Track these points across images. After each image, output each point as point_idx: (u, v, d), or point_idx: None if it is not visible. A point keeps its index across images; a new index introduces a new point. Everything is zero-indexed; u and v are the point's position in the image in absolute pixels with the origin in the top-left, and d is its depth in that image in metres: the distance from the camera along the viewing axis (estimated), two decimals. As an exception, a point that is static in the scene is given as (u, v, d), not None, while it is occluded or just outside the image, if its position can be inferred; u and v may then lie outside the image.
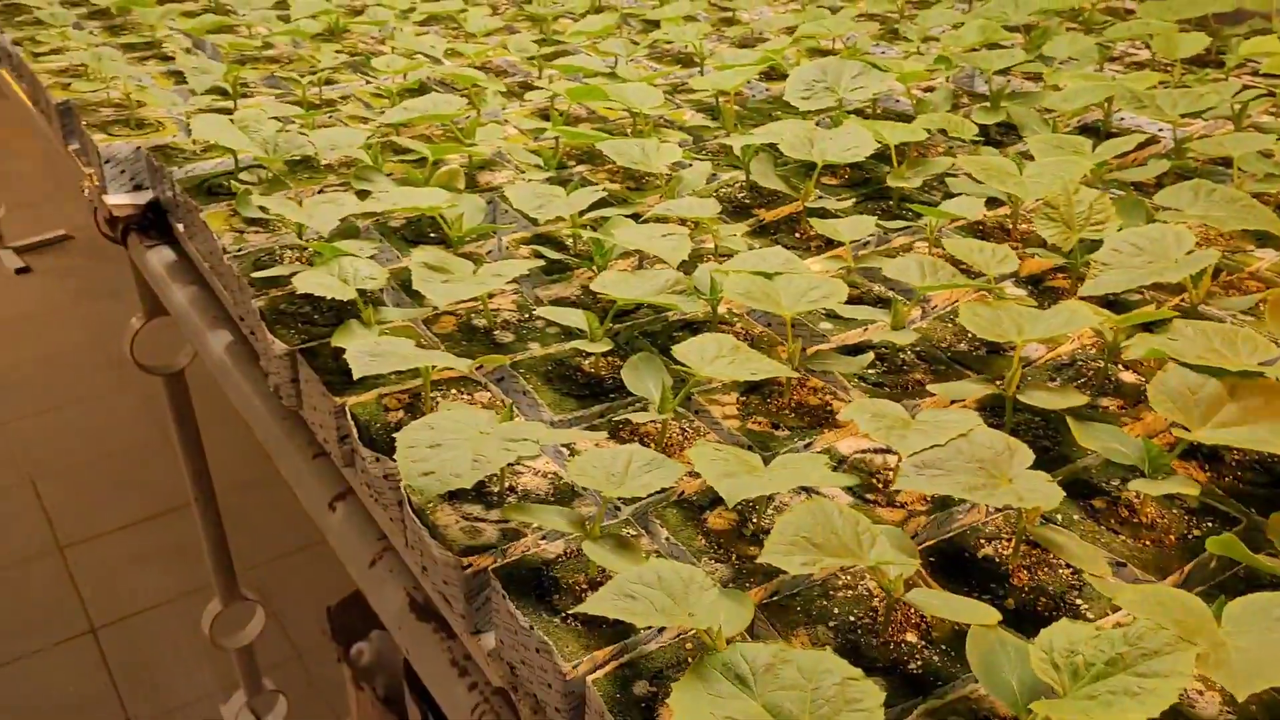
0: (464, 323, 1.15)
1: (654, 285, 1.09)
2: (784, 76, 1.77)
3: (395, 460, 0.84)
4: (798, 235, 1.31)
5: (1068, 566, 0.81)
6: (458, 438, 0.84)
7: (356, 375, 0.93)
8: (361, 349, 0.96)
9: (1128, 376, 1.02)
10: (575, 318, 1.06)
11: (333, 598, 2.59)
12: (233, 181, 1.40)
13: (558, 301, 1.18)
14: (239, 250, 1.28)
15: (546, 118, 1.67)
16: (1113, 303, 1.12)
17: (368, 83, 1.86)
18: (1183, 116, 1.40)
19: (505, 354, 1.07)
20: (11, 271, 4.28)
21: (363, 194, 1.31)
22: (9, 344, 3.86)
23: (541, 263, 1.21)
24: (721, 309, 1.13)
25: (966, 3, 2.15)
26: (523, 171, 1.48)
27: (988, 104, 1.59)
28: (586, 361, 1.07)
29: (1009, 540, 0.84)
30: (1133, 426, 0.95)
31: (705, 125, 1.65)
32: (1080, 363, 1.05)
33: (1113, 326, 0.98)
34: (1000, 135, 1.56)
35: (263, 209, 1.30)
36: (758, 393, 1.02)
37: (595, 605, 0.69)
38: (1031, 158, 1.32)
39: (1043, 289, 1.18)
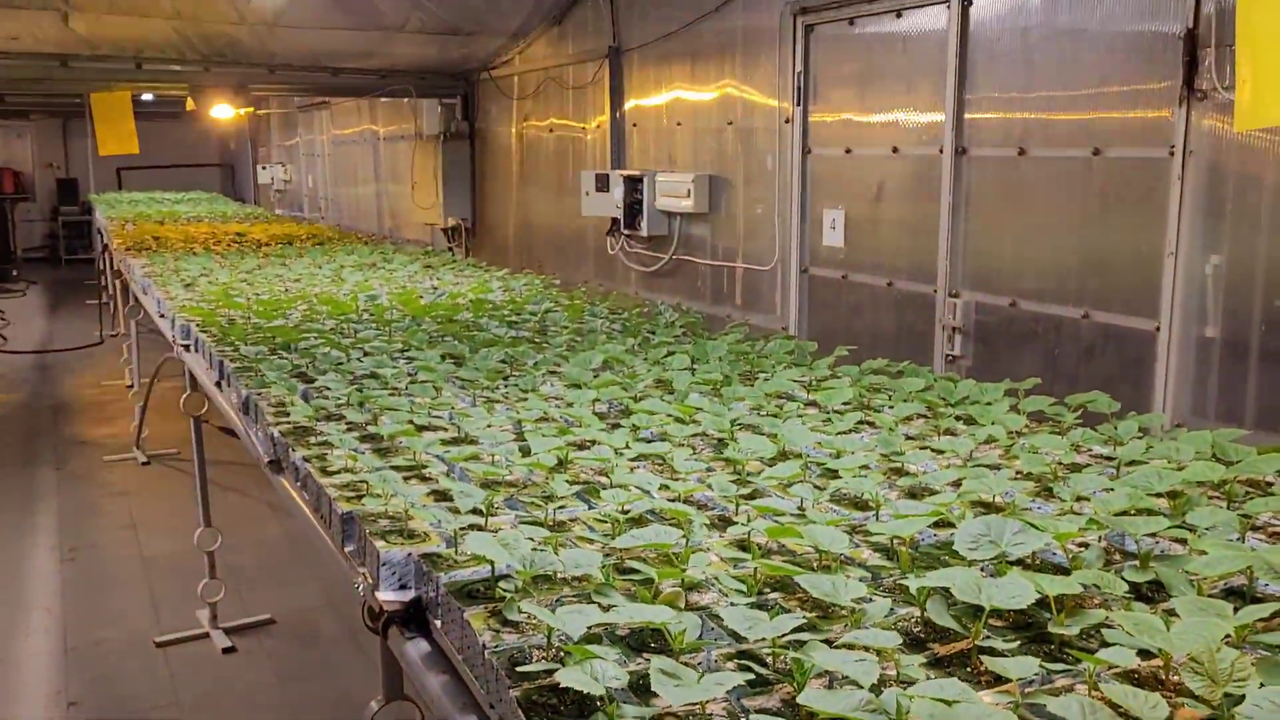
0: (683, 722, 1.37)
1: (849, 703, 1.30)
2: (950, 524, 2.04)
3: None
4: (969, 669, 1.51)
5: None
6: (699, 814, 1.04)
7: (614, 757, 1.16)
8: (615, 736, 1.20)
9: (1276, 819, 1.15)
10: (783, 725, 1.28)
11: None
12: (497, 589, 1.71)
13: (761, 710, 1.39)
14: (497, 647, 1.57)
15: (743, 548, 1.96)
16: (1260, 752, 1.26)
17: (591, 508, 2.21)
18: (1318, 587, 1.58)
19: (722, 752, 1.28)
20: (219, 650, 4.70)
21: (603, 606, 1.60)
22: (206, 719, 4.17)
23: (751, 675, 1.44)
24: (905, 728, 1.32)
25: (1114, 469, 2.41)
26: (726, 594, 1.75)
27: (1137, 563, 1.80)
28: (791, 764, 1.27)
29: None
30: None
31: (883, 565, 1.90)
32: (1232, 804, 1.18)
33: (1256, 771, 1.13)
34: (1150, 591, 1.76)
35: (522, 611, 1.59)
36: (940, 805, 1.19)
37: None
38: (1178, 615, 1.51)
39: (1195, 735, 1.33)
